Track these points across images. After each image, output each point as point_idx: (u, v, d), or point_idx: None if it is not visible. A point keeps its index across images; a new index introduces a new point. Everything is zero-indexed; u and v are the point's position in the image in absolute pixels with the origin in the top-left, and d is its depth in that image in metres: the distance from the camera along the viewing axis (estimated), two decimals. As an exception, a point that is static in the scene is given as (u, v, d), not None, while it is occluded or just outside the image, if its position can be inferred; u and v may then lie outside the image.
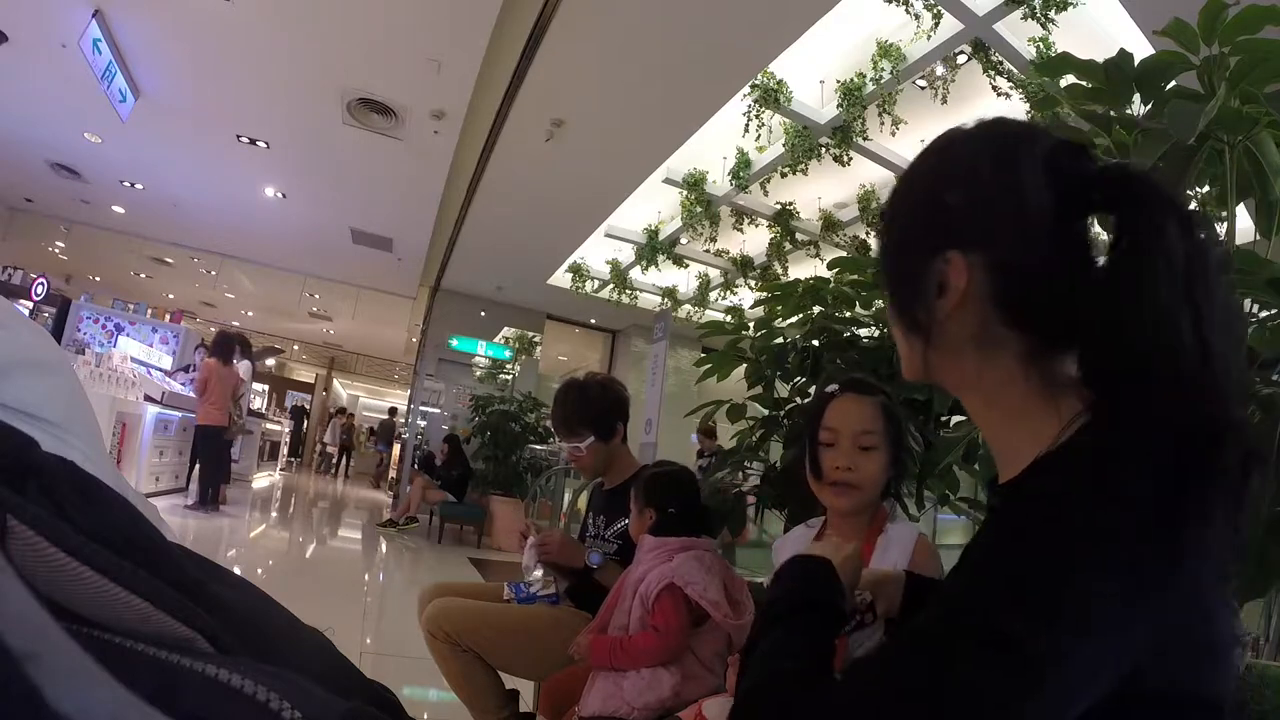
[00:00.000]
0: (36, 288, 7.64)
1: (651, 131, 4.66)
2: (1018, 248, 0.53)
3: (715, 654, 1.40)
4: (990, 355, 0.56)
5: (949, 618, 0.46)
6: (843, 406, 1.10)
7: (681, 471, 1.59)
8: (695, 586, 1.34)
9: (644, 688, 1.31)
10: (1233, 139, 1.08)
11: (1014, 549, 0.45)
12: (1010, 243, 0.54)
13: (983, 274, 0.54)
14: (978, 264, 0.54)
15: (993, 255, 0.54)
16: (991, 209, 0.55)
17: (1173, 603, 0.43)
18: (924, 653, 0.45)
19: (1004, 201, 0.54)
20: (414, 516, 6.88)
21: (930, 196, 0.59)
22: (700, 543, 1.45)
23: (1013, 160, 0.55)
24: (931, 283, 0.56)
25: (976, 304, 0.55)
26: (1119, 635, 0.43)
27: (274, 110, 5.01)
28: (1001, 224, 0.54)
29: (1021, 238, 0.53)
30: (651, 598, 1.36)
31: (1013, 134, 0.58)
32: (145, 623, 0.29)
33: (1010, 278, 0.54)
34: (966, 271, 0.54)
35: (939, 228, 0.57)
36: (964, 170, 0.57)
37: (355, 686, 0.42)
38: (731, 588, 1.41)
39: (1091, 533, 0.43)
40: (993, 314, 0.54)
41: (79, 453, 0.50)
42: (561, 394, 1.88)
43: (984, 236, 0.55)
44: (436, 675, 1.70)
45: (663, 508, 1.49)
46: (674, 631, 1.34)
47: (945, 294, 0.55)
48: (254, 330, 13.82)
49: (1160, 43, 1.18)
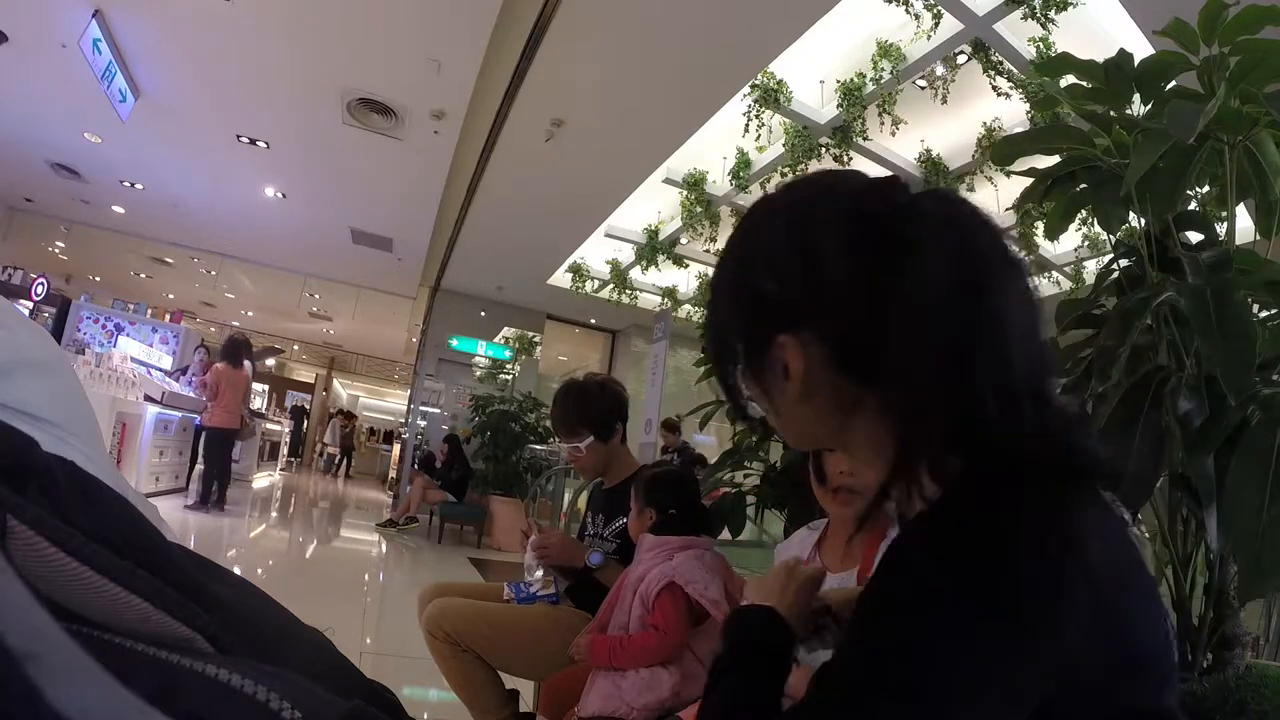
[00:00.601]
0: (36, 288, 7.64)
1: (651, 131, 4.66)
2: (838, 311, 0.53)
3: (712, 651, 1.39)
4: (850, 417, 0.55)
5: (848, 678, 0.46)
6: None
7: (682, 472, 1.59)
8: (696, 585, 1.34)
9: (644, 687, 1.31)
10: (1233, 139, 1.08)
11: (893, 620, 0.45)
12: (829, 308, 0.53)
13: (818, 348, 0.54)
14: (810, 340, 0.54)
15: (818, 326, 0.54)
16: (802, 281, 0.54)
17: (1062, 642, 0.43)
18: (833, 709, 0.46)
19: (811, 271, 0.53)
20: (414, 516, 6.88)
21: (743, 287, 0.58)
22: (700, 542, 1.45)
23: (810, 226, 0.55)
24: (774, 370, 0.55)
25: (822, 377, 0.54)
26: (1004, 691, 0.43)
27: (274, 110, 5.01)
28: (815, 293, 0.53)
29: (837, 301, 0.53)
30: (651, 596, 1.36)
31: (807, 197, 0.58)
32: (145, 623, 0.29)
33: (841, 344, 0.53)
34: (800, 350, 0.54)
35: (762, 315, 0.56)
36: (767, 251, 0.57)
37: (355, 686, 0.42)
38: (731, 587, 1.41)
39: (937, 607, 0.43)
40: (840, 380, 0.54)
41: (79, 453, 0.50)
42: (561, 394, 1.89)
43: (804, 312, 0.54)
44: (436, 675, 1.70)
45: (663, 508, 1.49)
46: (674, 630, 1.34)
47: (791, 378, 0.55)
48: (254, 330, 13.83)
49: (1160, 43, 1.18)
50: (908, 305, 0.49)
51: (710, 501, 1.83)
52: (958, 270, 0.49)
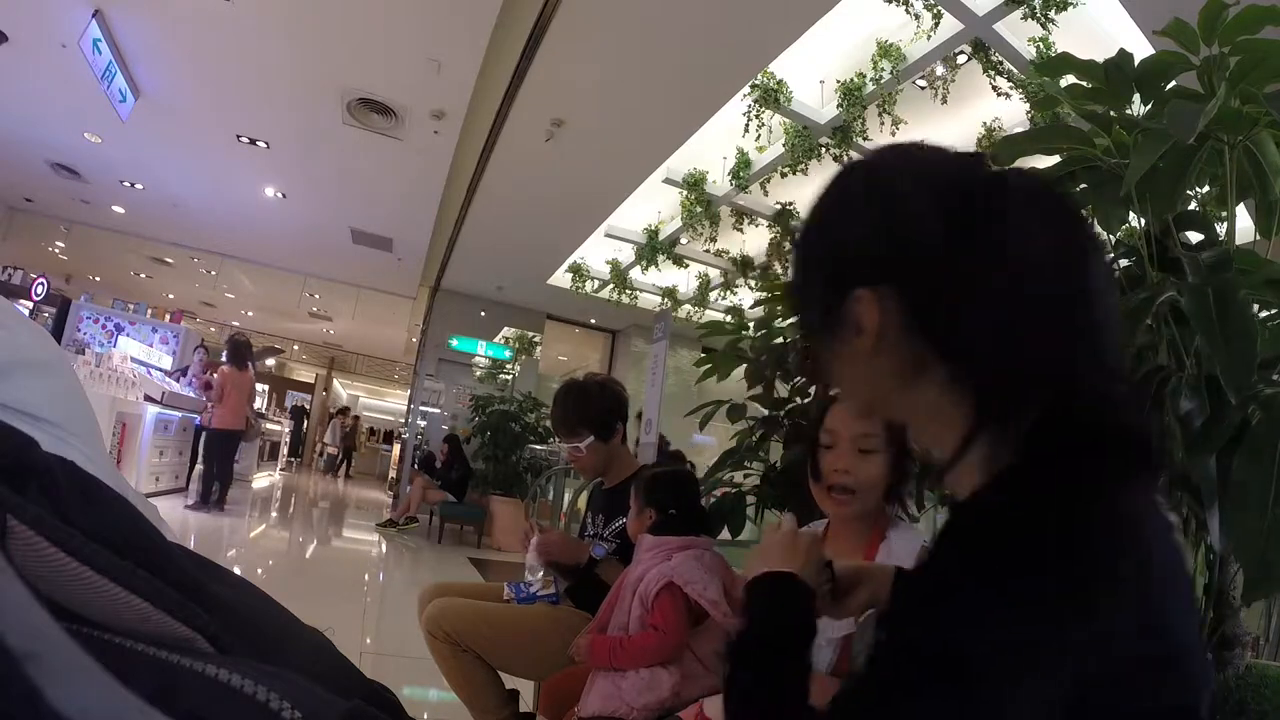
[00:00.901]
0: (36, 288, 7.64)
1: (651, 131, 4.66)
2: (920, 273, 0.53)
3: (715, 653, 1.39)
4: (916, 383, 0.55)
5: (896, 655, 0.46)
6: (843, 409, 1.10)
7: (682, 472, 1.59)
8: (695, 585, 1.34)
9: (643, 688, 1.31)
10: (1233, 139, 1.08)
11: (949, 591, 0.45)
12: (913, 270, 0.53)
13: (895, 305, 0.54)
14: (888, 296, 0.54)
15: (900, 285, 0.54)
16: (886, 241, 0.54)
17: (1107, 631, 0.43)
18: (880, 691, 0.46)
19: (897, 231, 0.54)
20: (414, 516, 6.88)
21: (826, 240, 0.59)
22: (699, 542, 1.45)
23: (896, 186, 0.55)
24: (847, 324, 0.55)
25: (895, 336, 0.54)
26: (1052, 673, 0.43)
27: (274, 110, 5.01)
28: (900, 253, 0.54)
29: (922, 262, 0.53)
30: (651, 597, 1.36)
31: (894, 160, 0.59)
32: (145, 623, 0.29)
33: (920, 305, 0.53)
34: (877, 306, 0.54)
35: (842, 268, 0.57)
36: (854, 208, 0.58)
37: (355, 686, 0.42)
38: (731, 587, 1.41)
39: (998, 582, 0.43)
40: (912, 343, 0.54)
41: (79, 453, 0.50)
42: (561, 394, 1.89)
43: (887, 268, 0.54)
44: (436, 675, 1.70)
45: (663, 508, 1.49)
46: (673, 630, 1.34)
47: (863, 333, 0.55)
48: (254, 330, 13.82)
49: (1160, 43, 1.18)
50: (1006, 275, 0.50)
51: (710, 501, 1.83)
52: (1056, 246, 0.51)
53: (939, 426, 0.55)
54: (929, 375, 0.54)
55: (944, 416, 0.54)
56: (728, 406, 2.00)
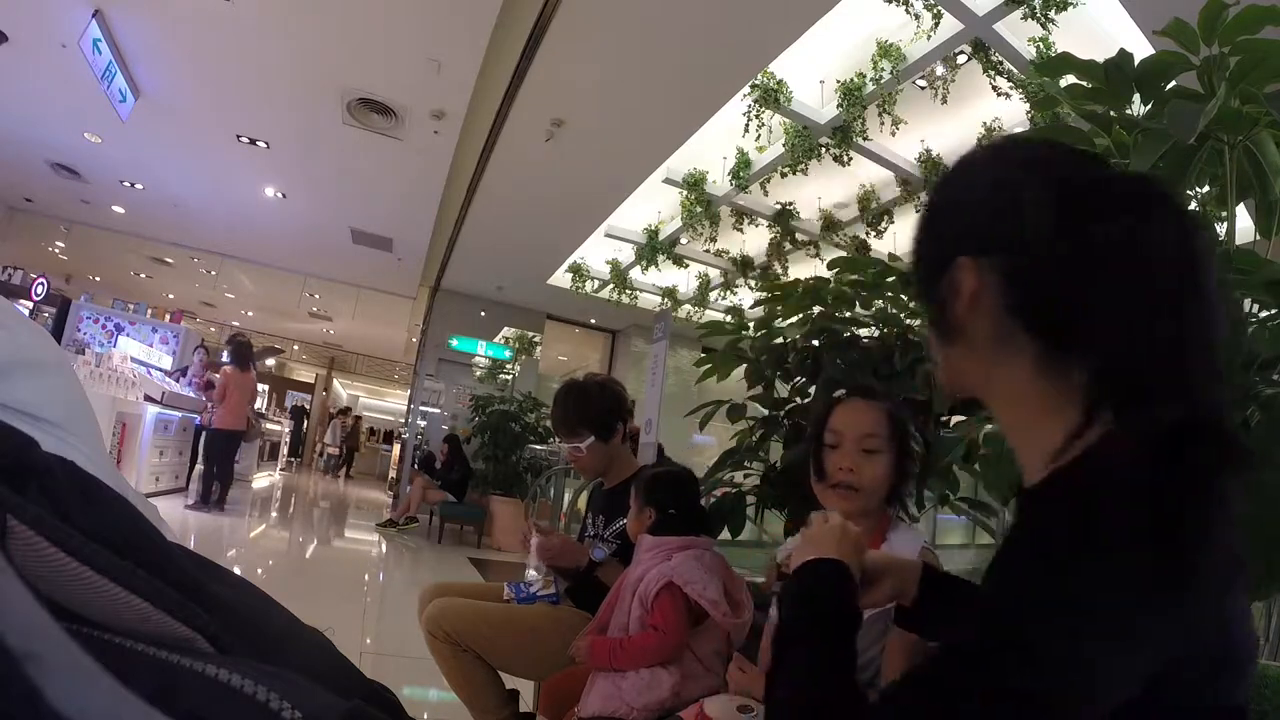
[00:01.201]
0: (36, 288, 7.64)
1: (651, 131, 4.66)
2: (1024, 251, 0.55)
3: (714, 653, 1.39)
4: (1005, 360, 0.57)
5: (987, 636, 0.47)
6: (848, 409, 1.11)
7: (683, 472, 1.59)
8: (694, 585, 1.34)
9: (643, 688, 1.31)
10: (1233, 139, 1.08)
11: (1036, 571, 0.46)
12: (1016, 247, 0.56)
13: (994, 278, 0.56)
14: (989, 268, 0.56)
15: (1002, 260, 0.56)
16: (996, 216, 0.57)
17: (1186, 617, 0.44)
18: (968, 672, 0.46)
19: (1008, 209, 0.56)
20: (414, 516, 6.88)
21: (944, 209, 0.64)
22: (699, 542, 1.45)
23: (1016, 171, 0.58)
24: (948, 288, 0.58)
25: (990, 308, 0.57)
26: (1136, 652, 0.44)
27: (274, 110, 5.01)
28: (1006, 229, 0.56)
29: (1026, 242, 0.55)
30: (650, 597, 1.36)
31: (1020, 148, 0.62)
32: (145, 623, 0.29)
33: (1019, 281, 0.55)
34: (976, 275, 0.56)
35: (951, 236, 0.60)
36: (972, 183, 0.62)
37: (355, 686, 0.42)
38: (731, 587, 1.41)
39: (1104, 555, 0.44)
40: (1006, 318, 0.56)
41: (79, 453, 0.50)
42: (561, 394, 1.89)
43: (992, 241, 0.57)
44: (436, 675, 1.70)
45: (663, 508, 1.49)
46: (673, 630, 1.34)
47: (959, 297, 0.58)
48: (254, 330, 13.82)
49: (1160, 43, 1.18)
50: (1132, 266, 0.52)
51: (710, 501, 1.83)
52: (1182, 241, 0.52)
53: (1013, 408, 0.58)
54: (1018, 355, 0.56)
55: (1020, 397, 0.57)
56: (728, 406, 2.00)
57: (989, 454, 1.29)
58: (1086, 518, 0.45)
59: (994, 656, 0.45)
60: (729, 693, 1.14)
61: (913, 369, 1.69)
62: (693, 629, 1.39)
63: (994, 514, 1.76)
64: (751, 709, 1.02)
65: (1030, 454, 0.57)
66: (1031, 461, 0.57)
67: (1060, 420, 0.53)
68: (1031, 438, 0.57)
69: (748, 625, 1.39)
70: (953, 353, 0.61)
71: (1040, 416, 0.55)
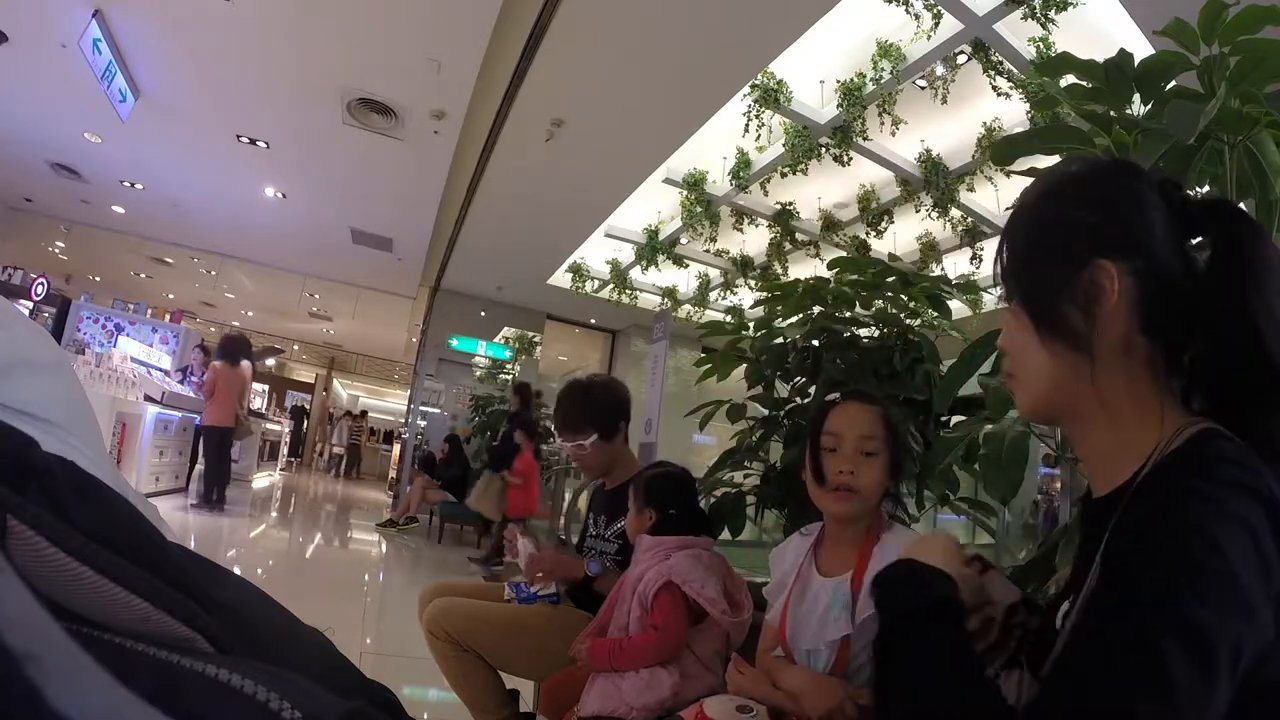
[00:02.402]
0: (36, 288, 7.64)
1: (651, 131, 4.66)
2: (1153, 255, 0.59)
3: (714, 652, 1.40)
4: (1121, 365, 0.60)
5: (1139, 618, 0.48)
6: (845, 412, 1.11)
7: (682, 473, 1.59)
8: (693, 584, 1.34)
9: (643, 688, 1.31)
10: (1233, 139, 1.08)
11: (1171, 546, 0.48)
12: (1147, 251, 0.59)
13: (1129, 280, 0.59)
14: (1125, 270, 0.59)
15: (1135, 262, 0.59)
16: (1129, 221, 0.61)
17: None
18: (1133, 655, 0.46)
19: (1138, 216, 0.60)
20: (414, 516, 6.88)
21: (1067, 214, 0.64)
22: (698, 541, 1.45)
23: (1136, 183, 0.62)
24: (1087, 292, 0.60)
25: (1123, 309, 0.59)
26: (1258, 620, 0.46)
27: (274, 110, 5.01)
28: (1138, 234, 0.60)
29: (1155, 247, 0.59)
30: (650, 596, 1.36)
31: (1123, 165, 0.66)
32: (145, 623, 0.29)
33: (1149, 284, 0.59)
34: (1117, 277, 0.59)
35: (1084, 240, 0.61)
36: (1096, 190, 0.63)
37: (355, 686, 0.42)
38: (730, 586, 1.41)
39: (1229, 523, 0.47)
40: (1133, 320, 0.59)
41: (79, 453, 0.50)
42: (565, 393, 1.89)
43: (1126, 245, 0.60)
44: (436, 675, 1.70)
45: (663, 508, 1.49)
46: (672, 629, 1.34)
47: (1100, 300, 0.59)
48: (254, 330, 13.82)
49: (1160, 43, 1.18)
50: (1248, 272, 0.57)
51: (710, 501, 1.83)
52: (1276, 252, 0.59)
53: (1122, 415, 0.59)
54: (1132, 359, 0.59)
55: (1133, 404, 0.59)
56: (728, 406, 2.00)
57: (989, 454, 1.29)
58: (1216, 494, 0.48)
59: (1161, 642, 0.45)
60: (730, 693, 1.14)
61: (912, 369, 1.69)
62: (692, 628, 1.39)
63: (994, 514, 1.76)
64: (751, 709, 1.01)
65: (1120, 460, 0.59)
66: (1106, 468, 0.60)
67: (1155, 421, 0.57)
68: (1125, 441, 0.59)
69: (747, 625, 1.39)
70: (1061, 363, 0.61)
71: (1142, 419, 0.58)
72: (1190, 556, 0.47)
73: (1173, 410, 0.58)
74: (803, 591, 1.09)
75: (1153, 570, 0.48)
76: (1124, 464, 0.58)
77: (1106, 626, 0.49)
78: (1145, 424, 0.58)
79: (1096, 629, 0.50)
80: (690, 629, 1.38)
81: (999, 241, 0.68)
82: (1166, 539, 0.48)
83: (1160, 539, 0.49)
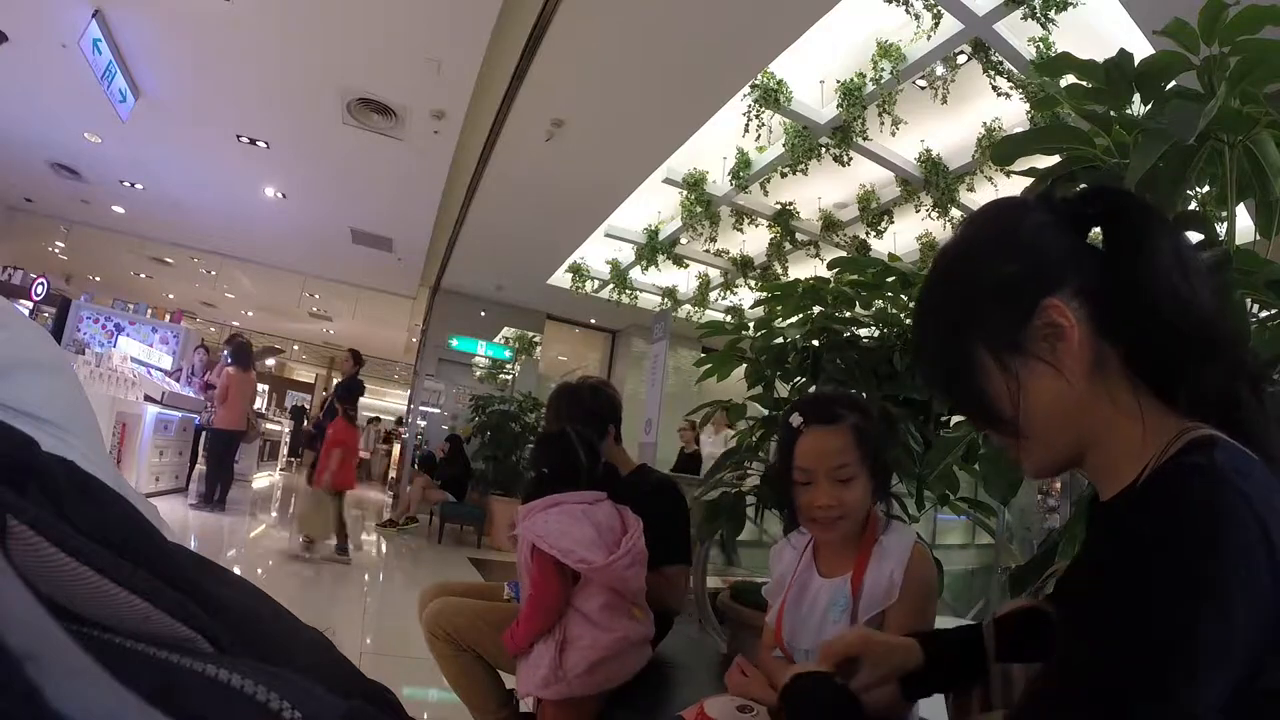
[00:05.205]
0: (36, 288, 7.64)
1: (651, 131, 4.66)
2: (1080, 269, 0.61)
3: (602, 606, 1.36)
4: (1101, 381, 0.61)
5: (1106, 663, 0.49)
6: (812, 441, 1.04)
7: (558, 431, 1.56)
8: (544, 539, 1.32)
9: (530, 670, 1.32)
10: (1233, 139, 1.08)
11: (1164, 559, 0.49)
12: (1075, 267, 0.61)
13: (1075, 302, 0.60)
14: (1069, 296, 0.60)
15: (1072, 284, 0.61)
16: (1046, 250, 0.62)
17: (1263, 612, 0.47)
18: (1100, 703, 0.48)
19: (1050, 240, 0.62)
20: (414, 516, 6.89)
21: (992, 273, 0.63)
22: (569, 496, 1.41)
23: (1029, 214, 0.64)
24: (1045, 335, 0.60)
25: (1087, 333, 0.60)
26: (1245, 639, 0.47)
27: (274, 110, 5.01)
28: (1060, 257, 0.62)
29: (1079, 262, 0.61)
30: (528, 563, 1.36)
31: (1004, 206, 0.67)
32: (145, 623, 0.29)
33: (1091, 297, 0.60)
34: (1066, 307, 0.60)
35: (1021, 289, 0.62)
36: (1005, 240, 0.64)
37: (355, 686, 0.42)
38: (611, 530, 1.39)
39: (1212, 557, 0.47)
40: (1095, 337, 0.60)
41: (79, 453, 0.50)
42: (554, 397, 1.90)
43: (1058, 273, 0.61)
44: (436, 675, 1.70)
45: (538, 471, 1.48)
46: (542, 590, 1.33)
47: (1064, 336, 0.60)
48: (254, 330, 13.83)
49: (1160, 43, 1.18)
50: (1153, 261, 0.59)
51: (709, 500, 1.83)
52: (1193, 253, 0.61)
53: (1117, 426, 0.60)
54: (1108, 370, 0.60)
55: (1123, 412, 0.60)
56: (728, 406, 2.00)
57: (989, 454, 1.29)
58: (1213, 505, 0.49)
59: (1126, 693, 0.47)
60: (729, 693, 1.14)
61: (912, 369, 1.69)
62: (576, 586, 1.37)
63: (994, 514, 1.76)
64: (751, 708, 1.01)
65: (1121, 468, 0.60)
66: (1110, 472, 0.61)
67: (1133, 426, 0.59)
68: (1122, 451, 0.60)
69: (630, 571, 1.37)
70: (1050, 405, 0.61)
71: (1129, 425, 0.59)
72: (1187, 573, 0.48)
73: (1153, 407, 0.59)
74: (801, 592, 1.09)
75: (1146, 584, 0.49)
76: (1125, 470, 0.59)
77: (1098, 637, 0.51)
78: (1132, 430, 0.59)
79: (1091, 639, 0.51)
80: (574, 587, 1.37)
81: (914, 351, 0.70)
82: (1158, 551, 0.49)
83: (1152, 551, 0.50)
